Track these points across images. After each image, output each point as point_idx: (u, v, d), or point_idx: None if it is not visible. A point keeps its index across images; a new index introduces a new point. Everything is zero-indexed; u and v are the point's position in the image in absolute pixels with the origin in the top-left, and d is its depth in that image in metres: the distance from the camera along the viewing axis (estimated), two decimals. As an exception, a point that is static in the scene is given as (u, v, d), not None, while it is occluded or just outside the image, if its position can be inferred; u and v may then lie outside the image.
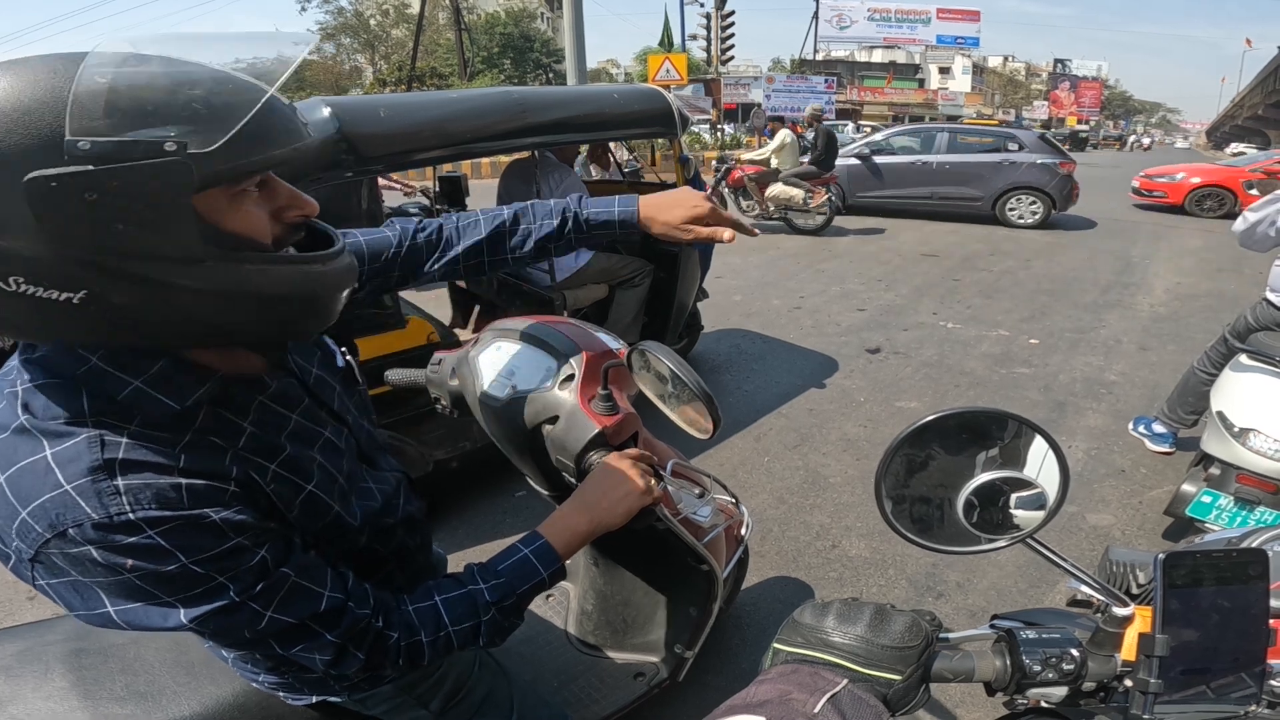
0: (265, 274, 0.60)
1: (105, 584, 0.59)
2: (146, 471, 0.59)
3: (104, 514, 0.56)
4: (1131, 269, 7.21)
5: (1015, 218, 9.60)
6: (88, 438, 0.58)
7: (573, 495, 1.00)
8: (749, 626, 2.18)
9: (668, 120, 3.08)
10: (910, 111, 43.71)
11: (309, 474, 0.73)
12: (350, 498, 0.79)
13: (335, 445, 0.79)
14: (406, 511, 0.91)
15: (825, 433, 3.52)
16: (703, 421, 1.00)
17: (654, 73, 14.25)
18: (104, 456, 0.57)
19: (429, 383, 1.38)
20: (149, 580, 0.59)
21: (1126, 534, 2.71)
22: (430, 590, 0.83)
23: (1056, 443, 0.65)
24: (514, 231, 1.05)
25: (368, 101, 2.27)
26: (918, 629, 0.62)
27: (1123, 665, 0.65)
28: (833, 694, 0.53)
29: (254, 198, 0.60)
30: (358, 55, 39.86)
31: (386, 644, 0.76)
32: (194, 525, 0.59)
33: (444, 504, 2.81)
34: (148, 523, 0.57)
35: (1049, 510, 0.65)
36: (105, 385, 0.60)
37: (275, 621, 0.66)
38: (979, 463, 0.66)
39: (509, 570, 0.86)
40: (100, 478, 0.57)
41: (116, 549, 0.57)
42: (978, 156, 9.85)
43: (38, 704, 0.93)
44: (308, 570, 0.70)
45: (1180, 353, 4.56)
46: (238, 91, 0.54)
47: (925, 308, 5.70)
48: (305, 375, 0.81)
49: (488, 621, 0.82)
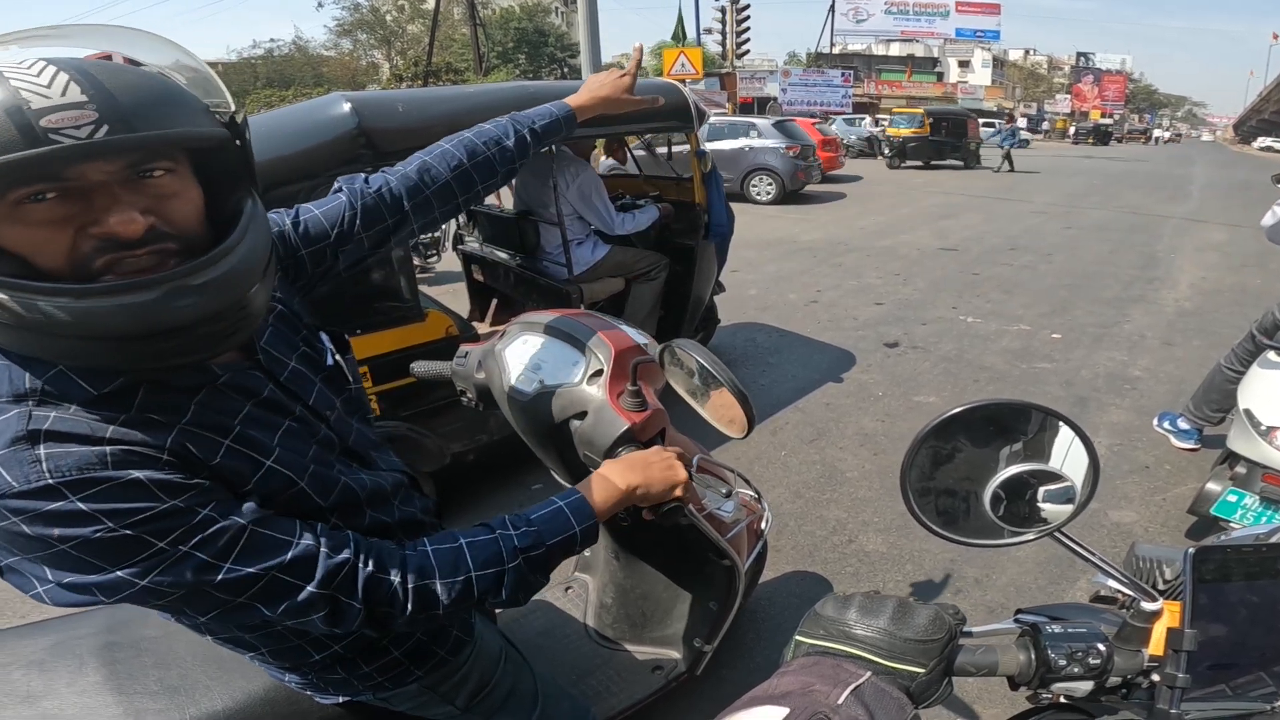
0: (5, 299, 0.55)
1: (41, 558, 0.59)
2: (70, 442, 0.58)
3: (24, 481, 0.56)
4: (1155, 263, 7.10)
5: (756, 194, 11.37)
6: (19, 413, 0.59)
7: (610, 460, 0.98)
8: (764, 620, 2.18)
9: (684, 114, 3.07)
10: (929, 105, 43.24)
11: (267, 451, 0.71)
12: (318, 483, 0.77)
13: (299, 433, 0.77)
14: (405, 513, 0.90)
15: (842, 427, 3.50)
16: (738, 420, 0.99)
17: (669, 67, 14.17)
18: (29, 428, 0.58)
19: (455, 375, 1.39)
20: (81, 548, 0.58)
21: (1149, 531, 2.67)
22: (455, 534, 0.81)
23: (1087, 436, 0.64)
24: (479, 168, 1.06)
25: (386, 97, 2.29)
26: (941, 622, 0.62)
27: (1149, 660, 0.64)
28: (856, 686, 0.52)
29: (43, 210, 0.57)
30: (374, 51, 40.05)
31: (388, 589, 0.73)
32: (119, 486, 0.59)
33: (460, 496, 2.83)
34: (67, 487, 0.57)
35: (1078, 504, 0.64)
36: (32, 368, 0.61)
37: (234, 573, 0.64)
38: (1006, 456, 0.66)
39: (542, 520, 0.84)
40: (23, 447, 0.57)
41: (40, 518, 0.56)
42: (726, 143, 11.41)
43: (71, 699, 0.94)
44: (267, 520, 0.68)
45: (1206, 348, 4.48)
46: None
47: (944, 302, 5.65)
48: (278, 368, 0.78)
49: (513, 569, 0.79)
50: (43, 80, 0.55)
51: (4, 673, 0.97)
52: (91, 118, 0.55)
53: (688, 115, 3.08)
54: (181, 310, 0.60)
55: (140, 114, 0.58)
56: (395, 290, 2.34)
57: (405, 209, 1.00)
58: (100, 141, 0.55)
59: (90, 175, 0.58)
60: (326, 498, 0.77)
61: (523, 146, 1.10)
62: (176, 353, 0.63)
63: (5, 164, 0.52)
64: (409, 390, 2.41)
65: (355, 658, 0.88)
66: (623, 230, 3.40)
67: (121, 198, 0.59)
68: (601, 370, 1.16)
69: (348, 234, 0.96)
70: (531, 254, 3.41)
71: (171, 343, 0.62)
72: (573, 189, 3.23)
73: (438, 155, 1.04)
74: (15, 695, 0.93)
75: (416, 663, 0.93)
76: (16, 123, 0.53)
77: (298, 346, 0.84)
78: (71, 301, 0.56)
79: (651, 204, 3.63)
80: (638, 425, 1.09)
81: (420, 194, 1.01)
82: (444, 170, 1.02)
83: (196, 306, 0.61)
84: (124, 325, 0.58)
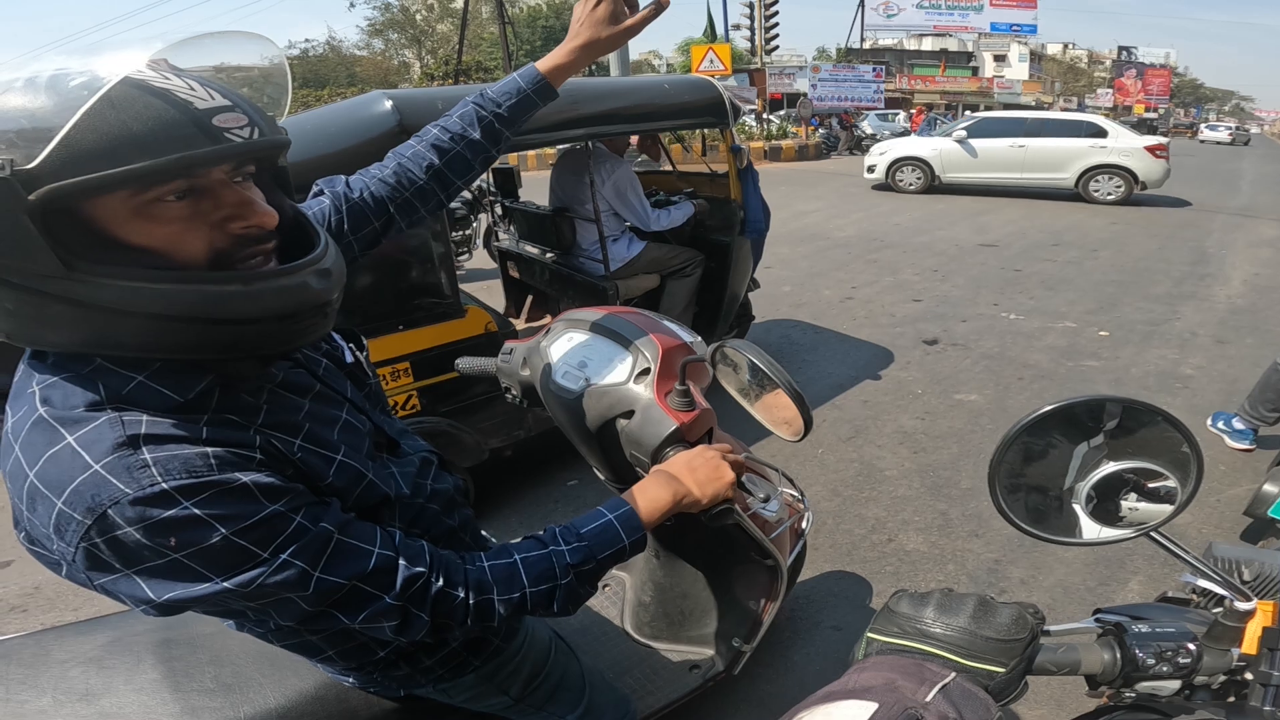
0: (156, 292, 0.56)
1: (150, 569, 0.58)
2: (169, 443, 0.58)
3: (137, 488, 0.55)
4: (1206, 259, 6.85)
5: None
6: (108, 419, 0.58)
7: (657, 467, 0.97)
8: (801, 619, 2.15)
9: (719, 110, 3.05)
10: (964, 100, 42.38)
11: (334, 446, 0.73)
12: (381, 472, 0.78)
13: (354, 427, 0.78)
14: (435, 489, 0.89)
15: (880, 425, 3.44)
16: (794, 423, 0.97)
17: (698, 63, 14.10)
18: (126, 433, 0.57)
19: (499, 372, 1.38)
20: (195, 557, 0.58)
21: (1204, 533, 2.58)
22: (509, 549, 0.81)
23: (1193, 436, 0.61)
24: (451, 165, 1.03)
25: (426, 94, 2.30)
26: (1023, 622, 0.59)
27: (1239, 660, 0.62)
28: (943, 684, 0.50)
29: (175, 210, 0.58)
30: (405, 51, 40.59)
31: (452, 603, 0.74)
32: (227, 491, 0.58)
33: (497, 491, 2.85)
34: (180, 492, 0.56)
35: (1179, 504, 0.61)
36: (111, 380, 0.60)
37: (323, 583, 0.65)
38: (1103, 453, 0.63)
39: (592, 535, 0.83)
40: (126, 452, 0.56)
41: (157, 526, 0.56)
42: None
43: (129, 696, 0.94)
44: (352, 527, 0.68)
45: (1260, 346, 4.32)
46: (63, 104, 0.51)
47: (984, 299, 5.52)
48: (314, 365, 0.80)
49: (565, 585, 0.80)
50: (184, 85, 0.57)
51: (62, 670, 0.98)
52: (245, 121, 0.59)
53: (722, 111, 3.06)
54: (319, 291, 0.65)
55: (265, 120, 0.62)
56: (436, 286, 2.36)
57: (390, 211, 1.00)
58: (267, 140, 0.60)
59: (237, 173, 0.62)
60: (390, 488, 0.78)
61: (492, 134, 1.05)
62: (303, 333, 0.66)
63: (198, 157, 0.55)
64: (448, 386, 2.43)
65: (418, 652, 0.89)
66: (658, 226, 3.39)
67: (254, 196, 0.63)
68: (649, 369, 1.14)
69: (335, 236, 0.95)
70: (567, 250, 3.42)
71: (302, 323, 0.65)
72: (608, 185, 3.23)
73: (410, 156, 1.02)
74: (74, 693, 0.94)
75: (474, 653, 0.94)
76: (195, 121, 0.56)
77: (320, 346, 0.85)
78: (241, 287, 0.60)
79: (686, 200, 3.61)
80: (686, 425, 1.08)
81: (401, 195, 1.01)
82: (419, 172, 1.02)
83: (328, 288, 0.66)
84: (284, 306, 0.62)
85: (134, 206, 0.55)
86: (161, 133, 0.54)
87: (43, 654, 1.01)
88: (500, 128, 1.05)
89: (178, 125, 0.55)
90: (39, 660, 1.00)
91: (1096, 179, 10.21)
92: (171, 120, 0.55)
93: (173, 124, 0.55)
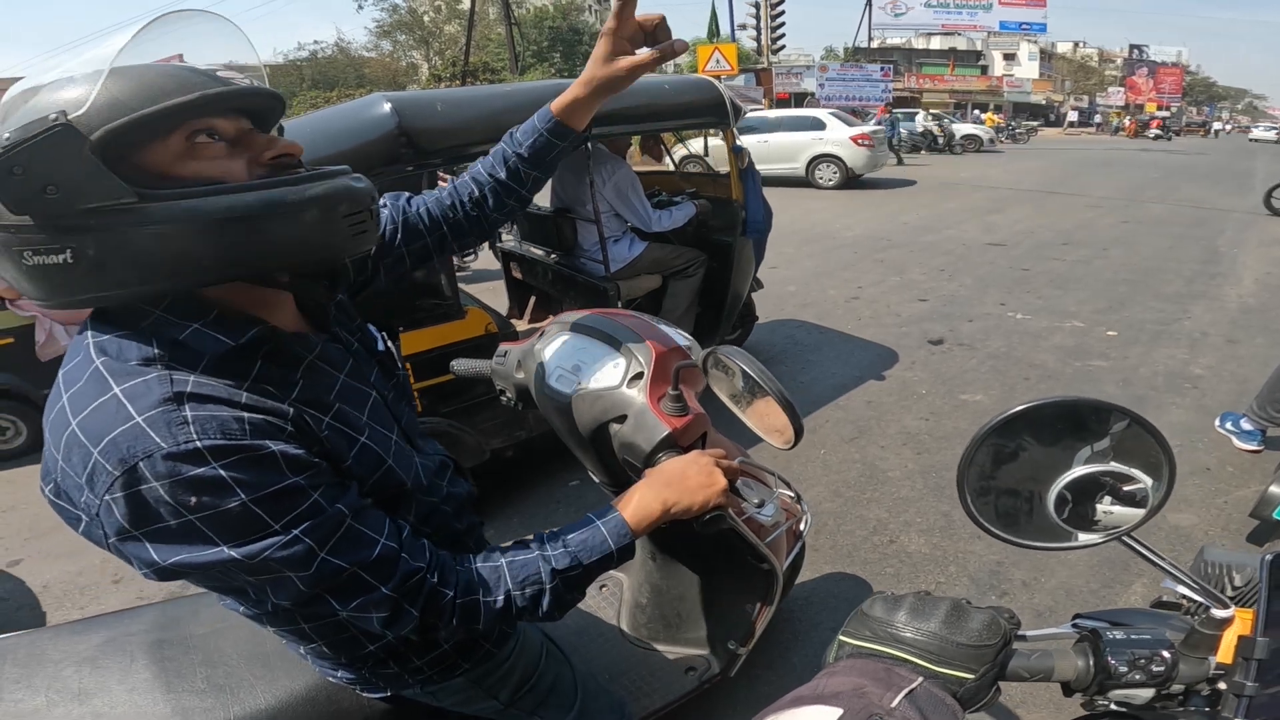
0: (219, 200, 0.62)
1: (159, 530, 0.60)
2: (210, 403, 0.62)
3: (173, 443, 0.58)
4: (1218, 258, 6.78)
5: None
6: (158, 375, 0.62)
7: (649, 475, 0.97)
8: (801, 621, 2.15)
9: (720, 110, 3.04)
10: (974, 99, 42.13)
11: (360, 428, 0.75)
12: (400, 460, 0.80)
13: (382, 410, 0.81)
14: (450, 493, 0.91)
15: (884, 426, 3.43)
16: (784, 431, 0.97)
17: (704, 63, 14.10)
18: (174, 390, 0.61)
19: (494, 374, 1.38)
20: (210, 521, 0.60)
21: (1209, 535, 2.55)
22: (496, 552, 0.82)
23: (1163, 437, 0.61)
24: (490, 199, 1.08)
25: (425, 96, 2.31)
26: (996, 627, 0.59)
27: (1215, 668, 0.61)
28: (909, 690, 0.50)
29: (216, 148, 0.66)
30: (413, 52, 40.72)
31: (441, 601, 0.75)
32: (254, 458, 0.61)
33: (498, 492, 2.86)
34: (211, 452, 0.59)
35: (1150, 508, 0.61)
36: (169, 330, 0.65)
37: (326, 564, 0.66)
38: (1076, 456, 0.62)
39: (579, 541, 0.84)
40: (170, 408, 0.60)
41: (183, 483, 0.58)
42: None
43: (122, 696, 0.95)
44: (365, 514, 0.70)
45: (1271, 346, 4.27)
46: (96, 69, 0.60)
47: (991, 298, 5.49)
48: (349, 345, 0.84)
49: (551, 589, 0.81)
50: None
51: (57, 669, 0.98)
52: (243, 79, 0.71)
53: (724, 111, 3.05)
54: (360, 189, 0.71)
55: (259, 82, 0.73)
56: (436, 288, 2.37)
57: (444, 229, 1.06)
58: (266, 89, 0.72)
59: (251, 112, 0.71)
60: (409, 476, 0.80)
61: (517, 176, 1.07)
62: (357, 233, 0.71)
63: (214, 95, 0.64)
64: (449, 387, 2.44)
65: (408, 652, 0.90)
66: (659, 227, 3.39)
67: (274, 134, 0.73)
68: (642, 373, 1.13)
69: (389, 246, 1.01)
70: (569, 251, 3.42)
71: (354, 218, 0.70)
72: (609, 186, 3.23)
73: (461, 185, 1.09)
74: (68, 692, 0.95)
75: (464, 655, 0.94)
76: (205, 73, 0.67)
77: (355, 333, 0.88)
78: (291, 187, 0.66)
79: (688, 200, 3.60)
80: (679, 430, 1.07)
81: (454, 216, 1.07)
82: (467, 200, 1.08)
83: (368, 189, 0.72)
84: (333, 194, 0.68)
85: (181, 149, 0.63)
86: (181, 80, 0.63)
87: (37, 653, 1.02)
88: (522, 168, 1.06)
89: (192, 74, 0.65)
90: (33, 659, 1.01)
91: (819, 167, 12.09)
92: (186, 73, 0.65)
93: (188, 75, 0.65)
